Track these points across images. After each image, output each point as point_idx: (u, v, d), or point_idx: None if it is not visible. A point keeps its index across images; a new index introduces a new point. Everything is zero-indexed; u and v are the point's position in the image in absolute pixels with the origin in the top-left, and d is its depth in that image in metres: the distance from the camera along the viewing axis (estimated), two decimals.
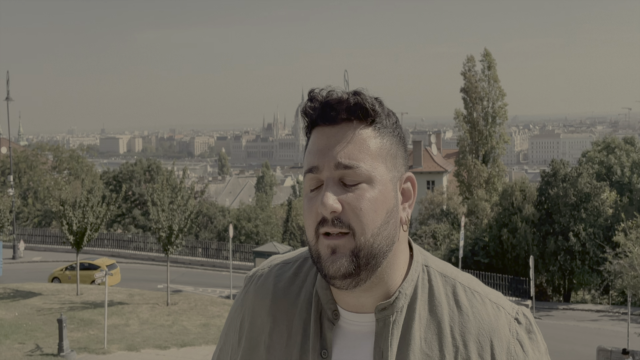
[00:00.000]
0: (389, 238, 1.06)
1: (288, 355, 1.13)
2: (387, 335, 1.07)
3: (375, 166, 1.05)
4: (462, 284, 1.13)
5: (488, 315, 1.10)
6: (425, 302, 1.10)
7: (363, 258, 1.04)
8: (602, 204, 32.58)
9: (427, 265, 1.14)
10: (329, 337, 1.11)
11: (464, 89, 43.51)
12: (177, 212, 19.81)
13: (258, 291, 1.21)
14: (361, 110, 1.05)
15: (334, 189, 1.04)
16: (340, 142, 1.05)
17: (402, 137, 1.11)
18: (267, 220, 43.10)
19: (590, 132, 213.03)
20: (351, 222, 1.03)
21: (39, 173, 48.96)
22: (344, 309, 1.12)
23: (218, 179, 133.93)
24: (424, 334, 1.08)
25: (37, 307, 19.67)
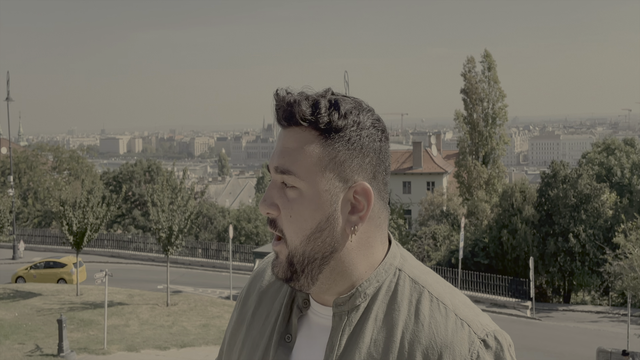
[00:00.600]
0: (325, 247, 1.06)
1: (261, 335, 1.18)
2: (339, 331, 1.09)
3: (309, 175, 1.05)
4: (431, 294, 1.10)
5: (446, 329, 1.06)
6: (385, 304, 1.09)
7: (297, 264, 1.07)
8: (602, 205, 32.58)
9: (400, 270, 1.12)
10: (294, 323, 1.15)
11: (464, 90, 43.52)
12: (177, 212, 19.81)
13: (256, 275, 1.28)
14: (295, 119, 1.05)
15: (274, 191, 1.08)
16: (285, 146, 1.06)
17: (366, 143, 1.06)
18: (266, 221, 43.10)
19: (590, 133, 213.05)
20: (283, 227, 1.07)
21: (39, 173, 48.96)
22: (314, 299, 1.15)
23: (218, 179, 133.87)
24: (376, 335, 1.07)
25: (37, 307, 19.67)
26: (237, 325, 1.25)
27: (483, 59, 43.89)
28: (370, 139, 1.07)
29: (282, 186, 1.07)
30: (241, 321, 1.25)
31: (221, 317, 19.91)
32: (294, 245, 1.07)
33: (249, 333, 1.21)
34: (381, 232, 1.12)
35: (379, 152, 1.08)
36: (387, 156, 1.11)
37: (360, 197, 1.07)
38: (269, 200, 1.08)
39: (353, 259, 1.09)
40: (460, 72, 44.03)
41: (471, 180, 42.33)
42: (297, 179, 1.05)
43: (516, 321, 25.10)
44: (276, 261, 1.11)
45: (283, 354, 1.13)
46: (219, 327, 18.67)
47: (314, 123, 1.05)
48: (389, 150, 1.12)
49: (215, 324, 18.99)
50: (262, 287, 1.25)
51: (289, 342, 1.14)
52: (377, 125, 1.09)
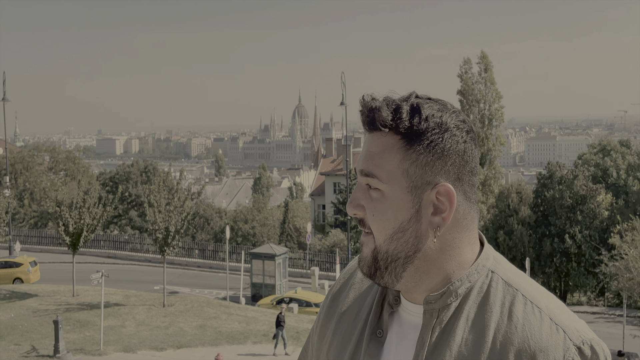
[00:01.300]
0: (408, 247, 1.10)
1: (352, 329, 1.22)
2: (429, 328, 1.11)
3: (392, 177, 1.09)
4: (525, 297, 1.10)
5: (540, 332, 1.05)
6: (476, 305, 1.10)
7: (381, 261, 1.11)
8: (598, 206, 32.68)
9: (493, 271, 1.13)
10: (386, 319, 1.18)
11: (461, 91, 43.61)
12: (173, 213, 19.80)
13: (348, 271, 1.33)
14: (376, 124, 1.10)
15: (359, 193, 1.13)
16: (369, 150, 1.12)
17: (449, 146, 1.08)
18: (263, 222, 43.13)
19: (586, 134, 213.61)
20: (370, 225, 1.12)
21: (35, 174, 48.86)
22: (404, 297, 1.18)
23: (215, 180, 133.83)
24: (467, 334, 1.09)
25: (33, 308, 19.63)
26: (327, 319, 1.29)
27: (479, 60, 43.98)
28: (453, 141, 1.08)
29: (366, 188, 1.12)
30: (331, 315, 1.29)
31: (218, 317, 19.90)
32: (379, 242, 1.11)
33: (339, 326, 1.25)
34: (468, 233, 1.13)
35: (462, 154, 1.10)
36: (472, 157, 1.12)
37: (442, 198, 1.09)
38: (355, 202, 1.13)
39: (438, 259, 1.11)
40: (457, 73, 44.12)
41: None
42: (379, 182, 1.09)
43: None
44: (361, 255, 1.15)
45: (375, 347, 1.17)
46: (215, 328, 18.66)
47: (395, 128, 1.08)
48: (476, 150, 1.13)
49: (212, 325, 18.98)
50: (354, 284, 1.29)
51: (380, 337, 1.18)
52: (461, 126, 1.10)
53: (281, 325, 16.47)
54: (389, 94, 1.12)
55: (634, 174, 39.32)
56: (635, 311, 26.32)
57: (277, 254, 25.98)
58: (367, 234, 1.13)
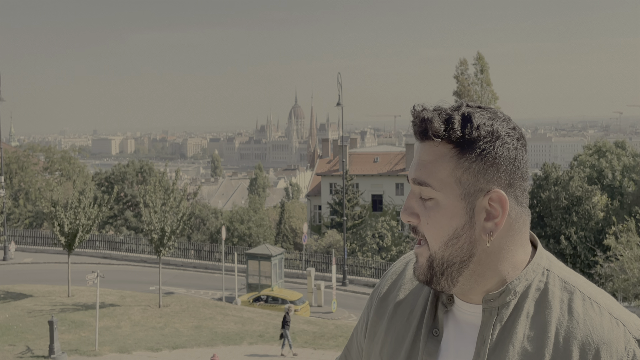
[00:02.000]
0: (462, 253, 1.13)
1: (406, 328, 1.25)
2: (490, 326, 1.14)
3: (444, 187, 1.12)
4: (583, 293, 1.14)
5: (602, 326, 1.09)
6: (535, 302, 1.14)
7: (437, 267, 1.15)
8: (594, 207, 32.76)
9: (548, 270, 1.17)
10: (441, 318, 1.21)
11: (457, 92, 43.67)
12: (169, 213, 19.77)
13: (396, 271, 1.36)
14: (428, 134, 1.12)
15: (412, 201, 1.16)
16: (421, 159, 1.14)
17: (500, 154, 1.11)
18: (259, 222, 43.08)
19: (581, 135, 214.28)
20: (425, 233, 1.15)
21: (30, 174, 48.70)
22: (458, 297, 1.20)
23: (211, 180, 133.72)
24: (528, 331, 1.11)
25: (28, 308, 19.57)
26: (377, 318, 1.32)
27: (476, 61, 44.07)
28: (504, 148, 1.11)
29: (419, 196, 1.15)
30: (381, 314, 1.31)
31: (213, 318, 19.87)
32: (434, 250, 1.14)
33: (391, 326, 1.28)
34: (521, 236, 1.17)
35: (514, 160, 1.12)
36: (523, 163, 1.15)
37: (495, 204, 1.12)
38: (409, 210, 1.16)
39: (492, 262, 1.14)
40: (453, 74, 44.20)
41: None
42: (432, 190, 1.12)
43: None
44: (417, 264, 1.18)
45: (433, 346, 1.20)
46: (211, 329, 18.63)
47: (447, 138, 1.11)
48: (527, 156, 1.16)
49: (208, 326, 18.95)
50: (403, 285, 1.32)
51: (436, 336, 1.20)
52: (512, 134, 1.12)
53: (287, 325, 16.42)
54: (439, 103, 1.15)
55: (629, 175, 39.43)
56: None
57: (273, 255, 25.95)
58: (420, 245, 1.17)
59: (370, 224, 42.35)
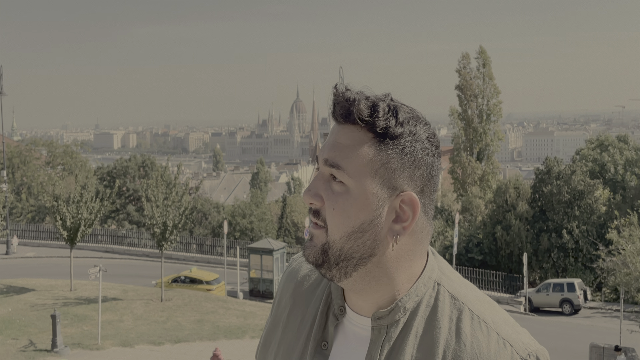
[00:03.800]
0: (364, 249, 1.06)
1: (296, 340, 1.19)
2: (378, 346, 1.08)
3: (359, 175, 1.04)
4: (472, 311, 1.09)
5: (488, 349, 1.05)
6: (424, 320, 1.09)
7: (332, 256, 1.07)
8: (596, 201, 32.73)
9: (439, 284, 1.12)
10: (331, 330, 1.15)
11: (459, 86, 43.58)
12: (171, 208, 19.78)
13: (290, 273, 1.28)
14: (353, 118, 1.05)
15: (320, 182, 1.08)
16: (338, 141, 1.06)
17: (419, 156, 1.05)
18: (261, 217, 43.09)
19: (584, 129, 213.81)
20: (327, 218, 1.07)
21: (32, 168, 48.78)
22: (350, 308, 1.14)
23: (213, 175, 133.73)
24: (416, 352, 1.07)
25: (31, 302, 19.63)
26: (273, 327, 1.26)
27: (478, 55, 43.95)
28: (423, 153, 1.06)
29: (329, 179, 1.07)
30: (277, 322, 1.25)
31: (215, 312, 19.92)
32: (334, 238, 1.06)
33: (284, 336, 1.22)
34: (422, 247, 1.11)
35: (430, 167, 1.07)
36: (437, 173, 1.09)
37: (406, 207, 1.06)
38: (313, 191, 1.08)
39: (390, 268, 1.08)
40: (455, 68, 44.09)
41: (465, 176, 42.43)
42: (345, 175, 1.04)
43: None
44: (310, 243, 1.09)
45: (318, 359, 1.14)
46: (213, 323, 18.68)
47: (370, 125, 1.04)
48: (440, 168, 1.11)
49: (210, 320, 19.00)
50: (295, 289, 1.25)
51: (325, 350, 1.14)
52: (432, 140, 1.08)
53: None
54: (362, 89, 1.07)
55: (631, 169, 39.36)
56: (632, 306, 26.42)
57: (275, 249, 25.98)
58: (320, 227, 1.07)
59: None
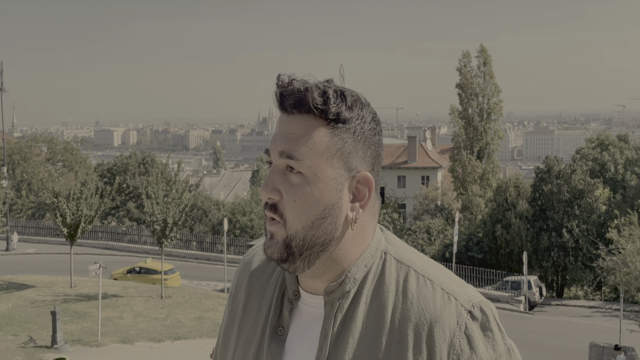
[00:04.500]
0: (326, 234, 1.08)
1: (254, 330, 1.19)
2: (331, 318, 1.11)
3: (317, 162, 1.06)
4: (417, 272, 1.12)
5: (434, 304, 1.08)
6: (373, 287, 1.11)
7: (295, 248, 1.08)
8: (596, 200, 32.72)
9: (386, 252, 1.14)
10: (286, 315, 1.16)
11: (460, 84, 43.55)
12: (171, 205, 19.78)
13: (243, 268, 1.29)
14: (306, 107, 1.06)
15: (276, 176, 1.08)
16: (290, 132, 1.07)
17: (368, 136, 1.09)
18: (261, 214, 43.05)
19: (584, 129, 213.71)
20: (285, 211, 1.07)
21: (32, 165, 48.76)
22: (304, 290, 1.16)
23: (213, 172, 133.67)
24: (367, 318, 1.09)
25: (31, 299, 19.63)
26: (230, 323, 1.26)
27: (479, 53, 43.92)
28: (371, 132, 1.10)
29: (284, 171, 1.08)
30: (233, 318, 1.25)
31: (215, 309, 19.93)
32: (295, 229, 1.07)
33: (241, 330, 1.22)
34: (374, 222, 1.15)
35: (377, 146, 1.12)
36: (382, 149, 1.14)
37: (361, 186, 1.10)
38: (271, 185, 1.08)
39: (349, 247, 1.11)
40: (456, 66, 44.06)
41: (466, 174, 42.41)
42: (303, 165, 1.06)
43: (510, 315, 25.22)
44: (271, 241, 1.09)
45: (276, 347, 1.14)
46: (213, 320, 18.69)
47: (323, 112, 1.06)
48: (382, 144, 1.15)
49: (210, 317, 19.01)
50: (250, 282, 1.25)
51: (281, 335, 1.15)
52: (375, 119, 1.11)
53: None
54: (305, 77, 1.09)
55: (631, 168, 39.36)
56: (632, 305, 26.44)
57: None
58: (277, 222, 1.08)
59: None
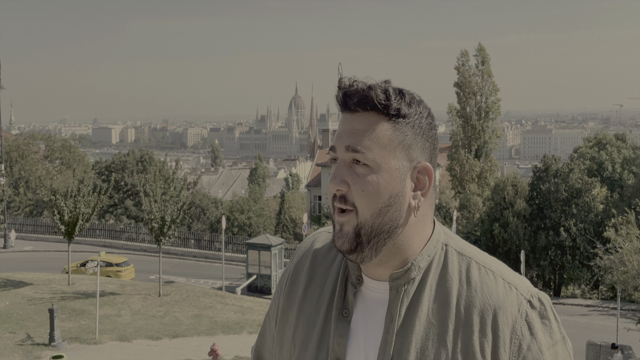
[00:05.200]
0: (392, 221, 1.17)
1: (317, 311, 1.28)
2: (398, 303, 1.19)
3: (382, 154, 1.16)
4: (478, 263, 1.22)
5: (497, 292, 1.18)
6: (437, 275, 1.21)
7: (364, 236, 1.16)
8: (593, 199, 32.76)
9: (446, 244, 1.24)
10: (350, 299, 1.25)
11: (458, 83, 43.53)
12: (169, 203, 19.77)
13: (303, 253, 1.38)
14: (370, 104, 1.17)
15: (343, 169, 1.18)
16: (355, 128, 1.17)
17: (426, 129, 1.20)
18: (259, 212, 43.10)
19: (582, 128, 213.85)
20: (355, 200, 1.16)
21: (30, 162, 48.69)
22: (367, 276, 1.25)
23: (211, 170, 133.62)
24: (432, 304, 1.18)
25: (28, 296, 19.62)
26: (288, 304, 1.33)
27: (477, 52, 43.89)
28: (428, 127, 1.21)
29: (350, 164, 1.18)
30: (292, 299, 1.33)
31: (213, 307, 19.94)
32: (365, 217, 1.16)
33: (302, 310, 1.30)
34: (432, 212, 1.25)
35: (433, 139, 1.22)
36: (438, 142, 1.26)
37: (422, 176, 1.21)
38: (339, 178, 1.17)
39: (412, 235, 1.21)
40: (454, 65, 44.03)
41: (463, 173, 42.43)
42: (368, 157, 1.16)
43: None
44: (340, 233, 1.18)
45: (343, 327, 1.23)
46: (211, 318, 18.70)
47: (386, 108, 1.17)
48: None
49: (208, 315, 19.02)
50: (311, 266, 1.33)
51: (346, 317, 1.24)
52: (431, 114, 1.23)
53: None
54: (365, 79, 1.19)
55: (629, 167, 39.41)
56: (629, 304, 26.48)
57: (273, 245, 26.00)
58: (348, 212, 1.17)
59: None
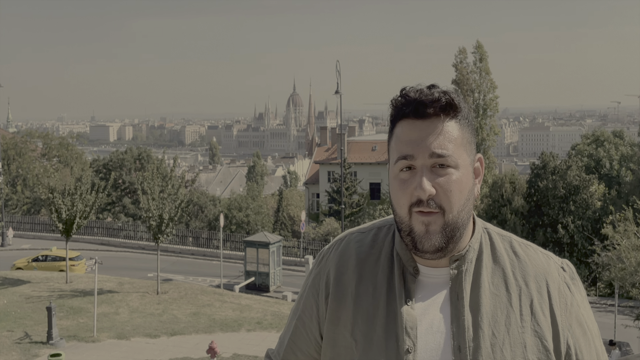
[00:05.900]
0: (469, 212, 1.30)
1: (375, 306, 1.34)
2: (461, 281, 1.31)
3: (459, 153, 1.27)
4: (517, 240, 1.39)
5: (541, 261, 1.35)
6: (489, 254, 1.34)
7: (450, 232, 1.27)
8: (591, 196, 32.82)
9: (486, 229, 1.39)
10: (412, 288, 1.34)
11: (456, 80, 43.50)
12: (167, 200, 19.75)
13: (341, 254, 1.43)
14: (452, 108, 1.27)
15: (428, 175, 1.26)
16: (432, 134, 1.26)
17: (472, 123, 1.33)
18: (257, 210, 43.11)
19: (579, 125, 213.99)
20: (442, 202, 1.26)
21: (28, 160, 48.61)
22: (422, 265, 1.35)
23: (209, 168, 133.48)
24: (491, 278, 1.32)
25: (26, 294, 19.60)
26: (338, 304, 1.39)
27: (475, 49, 43.87)
28: (474, 120, 1.35)
29: (431, 169, 1.26)
30: (343, 299, 1.38)
31: (211, 305, 19.93)
32: (452, 215, 1.26)
33: (358, 307, 1.36)
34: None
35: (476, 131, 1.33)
36: None
37: (479, 165, 1.34)
38: (429, 184, 1.25)
39: (470, 221, 1.33)
40: (452, 62, 44.01)
41: None
42: (449, 159, 1.26)
43: None
44: (426, 234, 1.26)
45: (410, 316, 1.31)
46: (209, 316, 18.70)
47: (454, 110, 1.28)
48: None
49: (206, 312, 19.01)
50: (358, 265, 1.40)
51: (410, 306, 1.32)
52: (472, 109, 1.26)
53: None
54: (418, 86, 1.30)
55: (626, 164, 39.48)
56: (626, 301, 26.52)
57: (271, 242, 25.98)
58: (434, 213, 1.25)
59: (368, 212, 42.39)
